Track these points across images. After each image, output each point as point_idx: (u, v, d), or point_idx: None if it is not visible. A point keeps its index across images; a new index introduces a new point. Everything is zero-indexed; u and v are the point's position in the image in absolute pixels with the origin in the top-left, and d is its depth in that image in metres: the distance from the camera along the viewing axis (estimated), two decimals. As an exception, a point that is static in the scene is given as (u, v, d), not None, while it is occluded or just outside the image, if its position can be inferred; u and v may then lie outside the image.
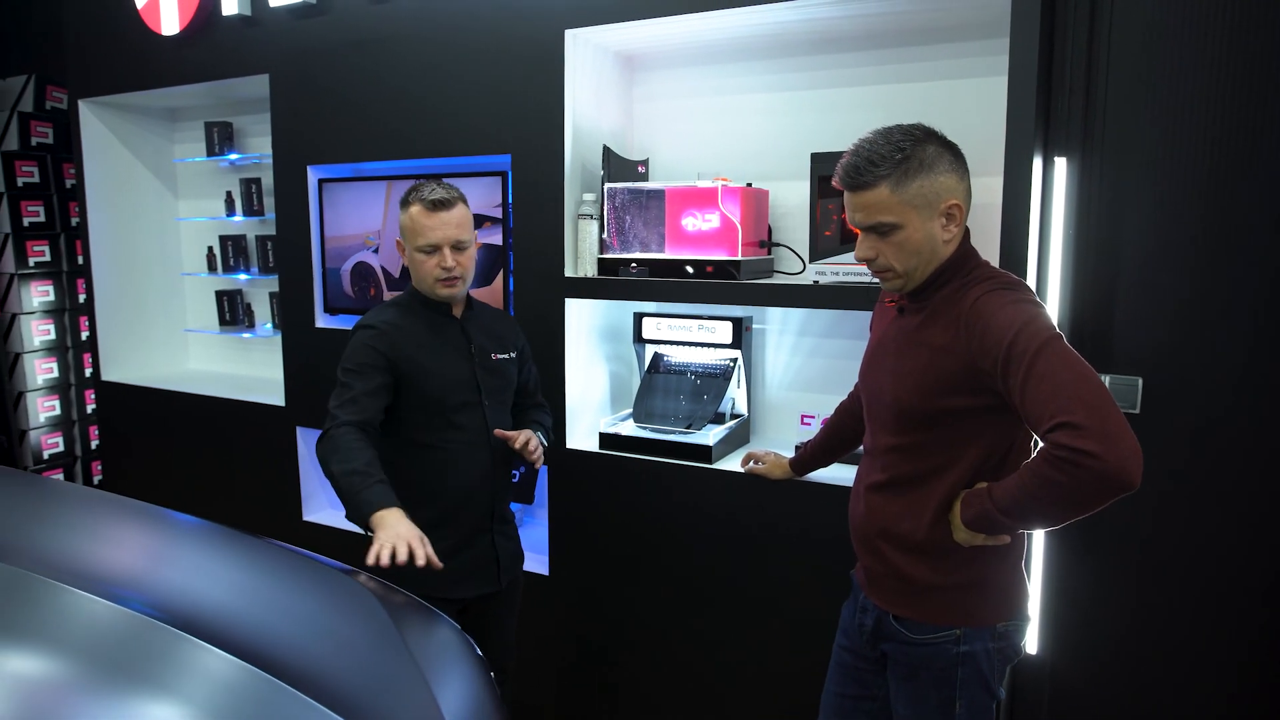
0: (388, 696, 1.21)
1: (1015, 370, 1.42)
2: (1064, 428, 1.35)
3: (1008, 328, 1.44)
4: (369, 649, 1.32)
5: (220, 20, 3.07)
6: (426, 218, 2.02)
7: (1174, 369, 2.14)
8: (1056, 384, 1.37)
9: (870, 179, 1.51)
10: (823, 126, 2.50)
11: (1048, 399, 1.37)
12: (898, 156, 1.50)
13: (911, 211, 1.53)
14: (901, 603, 1.68)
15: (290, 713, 1.07)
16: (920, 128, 1.54)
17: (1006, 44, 2.15)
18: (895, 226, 1.54)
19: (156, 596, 1.27)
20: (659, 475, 2.44)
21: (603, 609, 2.60)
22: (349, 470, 1.87)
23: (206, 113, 3.73)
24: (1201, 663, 2.19)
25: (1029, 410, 1.41)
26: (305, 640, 1.27)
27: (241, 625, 1.25)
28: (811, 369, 2.63)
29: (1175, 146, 2.10)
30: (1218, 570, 2.14)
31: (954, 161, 1.54)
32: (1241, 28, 2.00)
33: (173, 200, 3.94)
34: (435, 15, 2.65)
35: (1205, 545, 2.15)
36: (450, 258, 2.03)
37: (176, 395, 3.47)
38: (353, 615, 1.43)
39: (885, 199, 1.52)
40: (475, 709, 1.30)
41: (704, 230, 2.35)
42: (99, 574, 1.32)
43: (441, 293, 2.07)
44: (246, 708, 1.07)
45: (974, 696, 1.65)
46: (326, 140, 2.93)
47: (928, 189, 1.52)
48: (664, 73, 2.73)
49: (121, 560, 1.51)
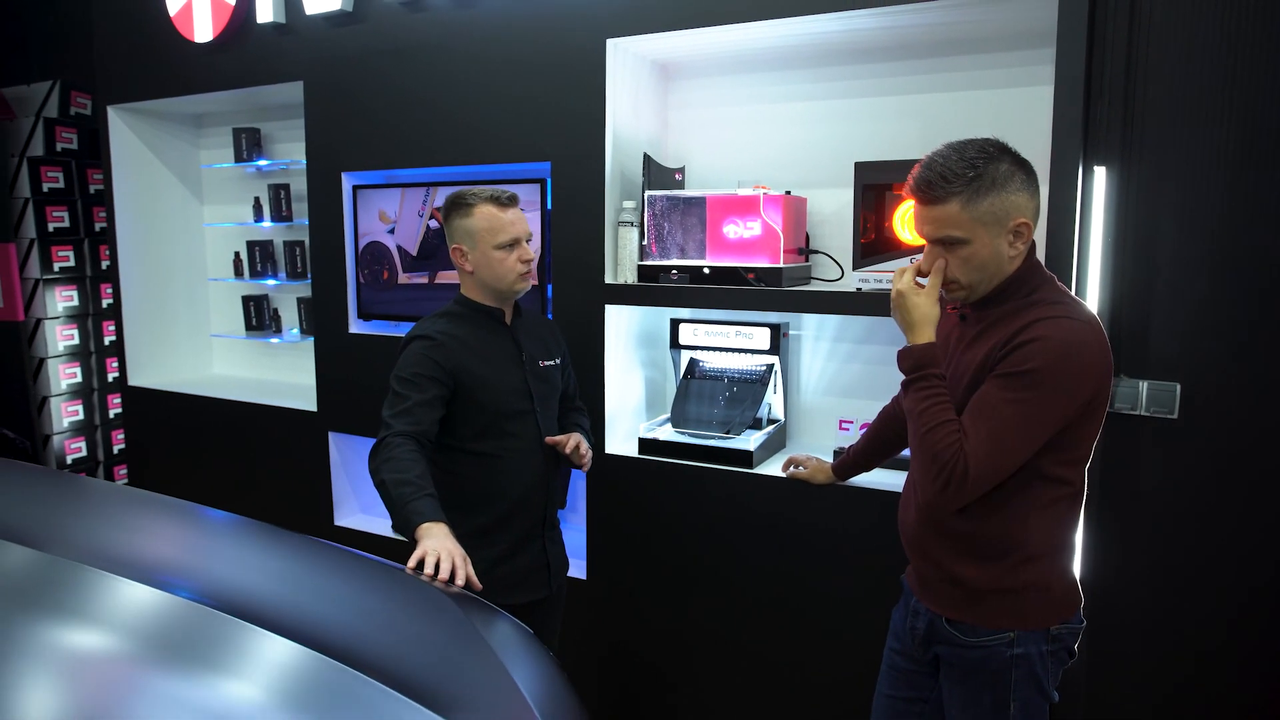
0: (476, 690, 1.24)
1: (1003, 389, 1.51)
2: (964, 450, 1.52)
3: (1035, 357, 1.49)
4: (453, 646, 1.35)
5: (254, 28, 3.10)
6: (502, 214, 2.06)
7: (1212, 375, 2.17)
8: (1004, 426, 1.51)
9: (942, 194, 1.54)
10: (858, 135, 2.53)
11: (982, 422, 1.52)
12: (970, 174, 1.53)
13: (980, 228, 1.55)
14: (954, 606, 1.70)
15: (386, 709, 1.09)
16: (994, 143, 1.57)
17: (1043, 54, 2.20)
18: (963, 242, 1.57)
19: (225, 595, 1.30)
20: (699, 480, 2.46)
21: (643, 613, 2.62)
22: (400, 480, 1.87)
23: (233, 119, 3.75)
24: (1232, 665, 2.22)
25: (976, 407, 1.54)
26: (398, 642, 1.30)
27: (331, 625, 1.28)
28: (848, 374, 2.65)
29: (1209, 156, 2.13)
30: (1256, 576, 2.17)
31: (1025, 180, 1.57)
32: (1271, 38, 2.03)
33: (198, 206, 3.95)
34: (473, 25, 2.67)
35: (1244, 551, 2.18)
36: (528, 250, 2.08)
37: (204, 400, 3.49)
38: (428, 612, 1.45)
39: (955, 215, 1.55)
40: (557, 698, 1.33)
41: (746, 238, 2.38)
42: (186, 574, 1.34)
43: (520, 287, 2.10)
44: (334, 700, 1.09)
45: (1028, 698, 1.67)
46: (361, 147, 2.95)
47: (998, 207, 1.54)
48: (699, 81, 2.75)
49: (199, 563, 1.53)
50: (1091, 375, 1.53)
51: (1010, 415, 1.50)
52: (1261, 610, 2.17)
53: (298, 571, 1.57)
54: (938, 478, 1.54)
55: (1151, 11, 2.14)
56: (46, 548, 1.36)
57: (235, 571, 1.51)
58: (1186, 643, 2.26)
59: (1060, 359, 1.50)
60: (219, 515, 1.82)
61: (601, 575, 2.66)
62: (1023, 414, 1.50)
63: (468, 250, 2.08)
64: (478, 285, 2.12)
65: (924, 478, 1.58)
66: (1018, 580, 1.64)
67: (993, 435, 1.51)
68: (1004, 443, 1.51)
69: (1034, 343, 1.51)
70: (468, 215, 2.07)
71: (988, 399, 1.53)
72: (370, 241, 3.05)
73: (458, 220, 2.08)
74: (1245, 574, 2.18)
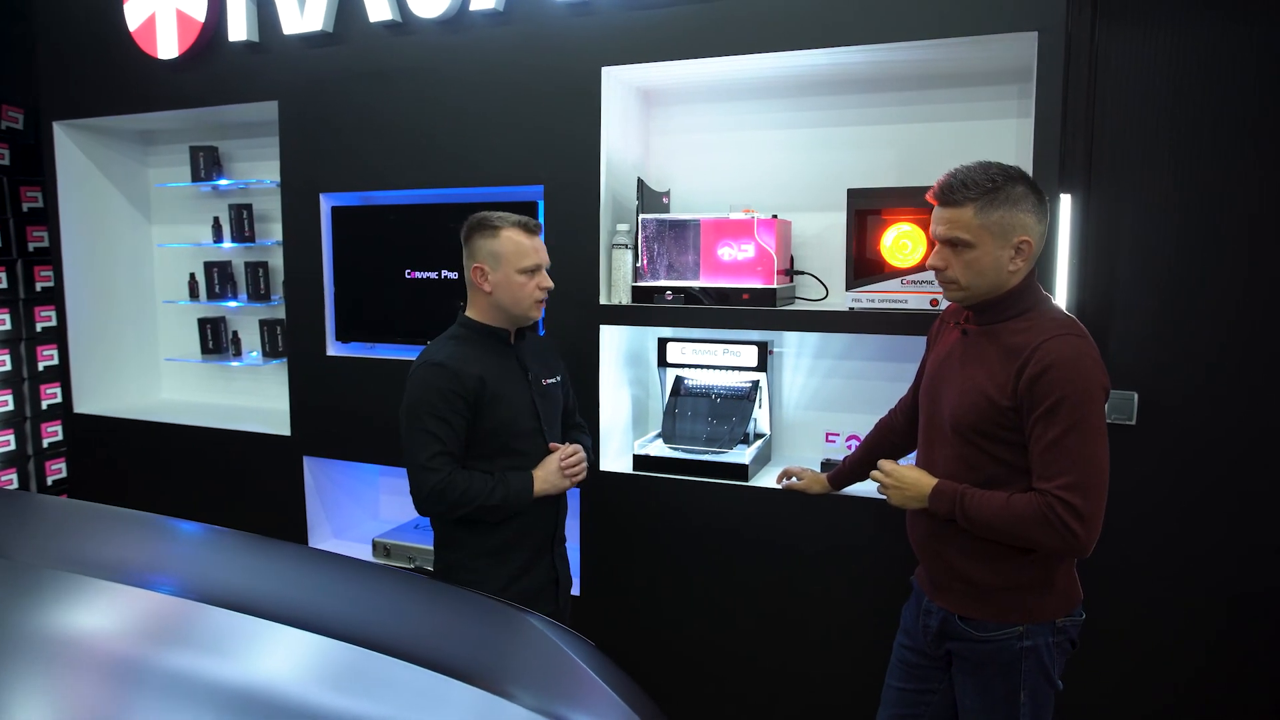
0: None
1: (1048, 428, 1.64)
2: (1063, 502, 1.62)
3: (1059, 386, 1.63)
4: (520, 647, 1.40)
5: (225, 46, 3.04)
6: (527, 239, 2.11)
7: (1168, 384, 2.38)
8: (1075, 459, 1.62)
9: (960, 198, 1.70)
10: (838, 161, 2.67)
11: (1063, 466, 1.63)
12: (989, 185, 1.69)
13: (987, 235, 1.70)
14: (967, 604, 1.82)
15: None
16: (1017, 170, 1.73)
17: (1010, 90, 2.40)
18: (969, 245, 1.72)
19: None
20: (695, 494, 2.53)
21: (640, 627, 2.66)
22: (485, 491, 2.05)
23: (186, 136, 3.65)
24: (1195, 662, 2.42)
25: (1041, 461, 1.66)
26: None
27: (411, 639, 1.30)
28: (829, 389, 2.78)
29: (1160, 187, 2.36)
30: (1214, 573, 2.38)
31: (1037, 205, 1.72)
32: (1210, 93, 2.28)
33: (147, 225, 3.82)
34: (461, 49, 2.70)
35: (1201, 551, 2.39)
36: (547, 279, 2.14)
37: (165, 426, 3.37)
38: (491, 622, 1.49)
39: (967, 219, 1.71)
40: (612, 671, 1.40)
41: (740, 259, 2.48)
42: (239, 595, 1.34)
43: (533, 314, 2.15)
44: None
45: (1037, 687, 1.80)
46: (342, 168, 2.93)
47: (1007, 220, 1.70)
48: (681, 107, 2.85)
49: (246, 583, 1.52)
50: (1102, 383, 1.68)
51: (1073, 443, 1.63)
52: (1220, 607, 2.38)
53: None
54: (1056, 534, 1.63)
55: (1110, 59, 2.36)
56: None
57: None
58: (1149, 640, 2.45)
59: (1078, 374, 1.64)
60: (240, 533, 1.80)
61: (597, 591, 2.70)
62: (1079, 433, 1.63)
63: (490, 271, 2.11)
64: (491, 306, 2.14)
65: (1050, 545, 1.67)
66: (1025, 578, 1.77)
67: (1074, 465, 1.62)
68: (1086, 462, 1.63)
69: (1050, 371, 1.64)
70: (493, 237, 2.10)
71: (1047, 443, 1.64)
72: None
73: (481, 241, 2.11)
74: (1204, 572, 2.39)
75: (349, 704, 1.10)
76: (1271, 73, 2.24)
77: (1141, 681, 2.48)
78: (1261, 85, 2.25)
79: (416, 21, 2.74)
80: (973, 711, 1.86)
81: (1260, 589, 2.35)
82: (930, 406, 1.91)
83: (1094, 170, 2.39)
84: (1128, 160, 2.38)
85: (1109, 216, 2.40)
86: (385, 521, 3.39)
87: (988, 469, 1.76)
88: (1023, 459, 1.72)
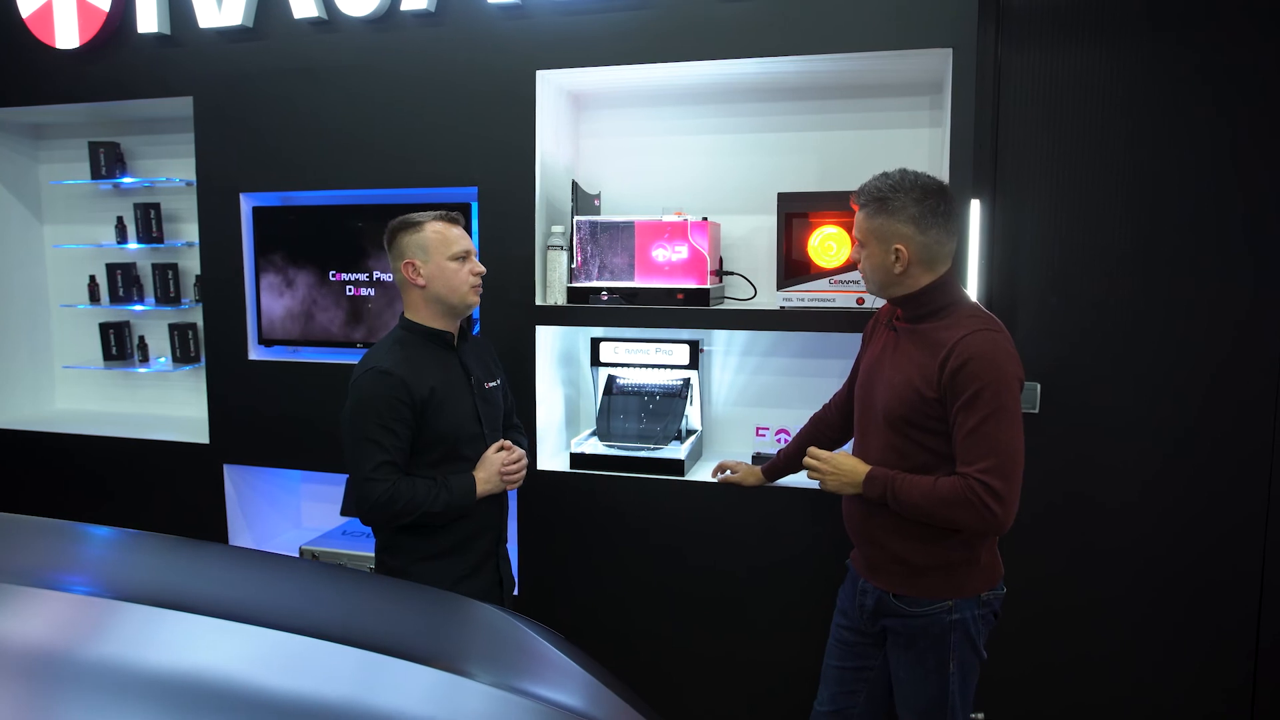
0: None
1: (969, 416, 1.79)
2: (983, 484, 1.77)
3: (977, 377, 1.78)
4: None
5: (133, 37, 2.91)
6: (450, 230, 2.13)
7: (1066, 375, 2.59)
8: (993, 445, 1.78)
9: (860, 202, 1.94)
10: (763, 166, 2.78)
11: (982, 451, 1.78)
12: (877, 195, 1.89)
13: (873, 239, 1.92)
14: (901, 583, 1.95)
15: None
16: (927, 185, 1.89)
17: (927, 101, 2.57)
18: (863, 244, 1.94)
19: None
20: (632, 490, 2.59)
21: (583, 621, 2.69)
22: (427, 498, 2.05)
23: (82, 131, 3.47)
24: (1109, 644, 2.63)
25: (963, 447, 1.81)
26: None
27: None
28: (756, 385, 2.88)
29: (1055, 195, 2.56)
30: (1117, 556, 2.60)
31: (920, 217, 1.87)
32: (1092, 121, 2.50)
33: (38, 225, 3.61)
34: (391, 48, 2.68)
35: (1103, 533, 2.61)
36: (479, 264, 2.16)
37: (69, 438, 3.19)
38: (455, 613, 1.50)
39: (861, 222, 1.94)
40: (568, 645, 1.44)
41: (674, 261, 2.56)
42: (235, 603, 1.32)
43: (472, 300, 2.16)
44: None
45: (964, 657, 1.95)
46: (264, 168, 2.85)
47: (886, 228, 1.89)
48: (610, 111, 2.91)
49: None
50: (1017, 374, 1.83)
51: (990, 429, 1.77)
52: (1121, 586, 2.60)
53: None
54: (976, 514, 1.78)
55: (1010, 75, 2.55)
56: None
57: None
58: (1059, 623, 2.65)
59: (994, 366, 1.79)
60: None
61: (537, 590, 2.72)
62: (997, 420, 1.78)
63: (421, 264, 2.10)
64: (429, 302, 2.13)
65: (971, 524, 1.82)
66: (953, 556, 1.91)
67: (992, 450, 1.77)
68: (1003, 447, 1.77)
69: (969, 363, 1.79)
70: (418, 231, 2.11)
71: (967, 430, 1.79)
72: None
73: (407, 237, 2.11)
74: (1109, 555, 2.60)
75: (308, 689, 1.09)
76: (1142, 87, 2.47)
77: (1056, 650, 2.68)
78: (1132, 99, 2.48)
79: (344, 19, 2.70)
80: (906, 683, 1.99)
81: (1146, 557, 2.58)
82: (865, 399, 2.03)
83: (998, 177, 2.58)
84: (1026, 168, 2.57)
85: (1010, 219, 2.59)
86: (309, 529, 3.31)
87: (917, 457, 1.89)
88: (948, 447, 1.86)
